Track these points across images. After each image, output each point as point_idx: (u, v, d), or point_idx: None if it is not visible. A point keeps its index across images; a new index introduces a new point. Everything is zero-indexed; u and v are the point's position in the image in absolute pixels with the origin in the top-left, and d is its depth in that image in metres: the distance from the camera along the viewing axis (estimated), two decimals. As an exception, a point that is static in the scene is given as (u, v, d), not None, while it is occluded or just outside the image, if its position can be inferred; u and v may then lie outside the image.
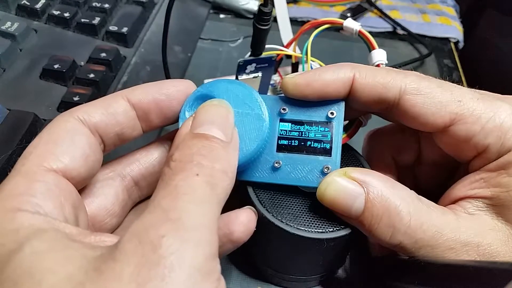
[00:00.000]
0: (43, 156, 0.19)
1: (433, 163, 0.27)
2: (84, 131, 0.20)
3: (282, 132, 0.24)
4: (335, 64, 0.24)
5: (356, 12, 0.53)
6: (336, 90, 0.23)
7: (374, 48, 0.29)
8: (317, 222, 0.23)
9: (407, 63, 0.47)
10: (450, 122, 0.22)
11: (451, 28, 0.53)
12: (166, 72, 0.34)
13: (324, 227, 0.23)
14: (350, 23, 0.30)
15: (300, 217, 0.24)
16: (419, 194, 0.23)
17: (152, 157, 0.23)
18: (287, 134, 0.24)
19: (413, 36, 0.52)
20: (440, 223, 0.21)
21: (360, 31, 0.30)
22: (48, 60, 0.35)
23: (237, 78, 0.34)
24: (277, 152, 0.24)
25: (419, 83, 0.23)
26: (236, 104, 0.23)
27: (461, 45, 0.53)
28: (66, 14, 0.39)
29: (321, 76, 0.23)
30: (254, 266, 0.28)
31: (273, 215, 0.24)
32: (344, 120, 0.25)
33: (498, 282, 0.17)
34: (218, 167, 0.18)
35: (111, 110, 0.21)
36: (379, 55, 0.29)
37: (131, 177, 0.23)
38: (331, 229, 0.23)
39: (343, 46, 0.50)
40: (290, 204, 0.24)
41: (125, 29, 0.39)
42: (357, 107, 0.24)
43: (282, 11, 0.39)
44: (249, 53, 0.35)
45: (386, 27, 0.53)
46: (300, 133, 0.24)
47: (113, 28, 0.39)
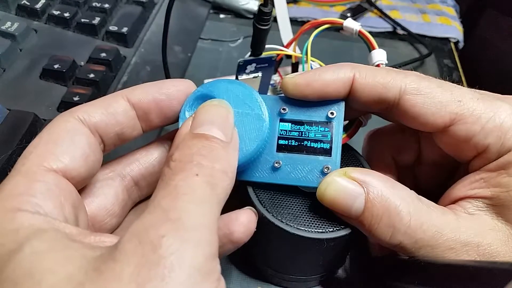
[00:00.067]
0: (43, 156, 0.19)
1: (433, 163, 0.27)
2: (84, 131, 0.20)
3: (282, 132, 0.24)
4: (335, 64, 0.24)
5: (356, 12, 0.53)
6: (336, 90, 0.23)
7: (374, 48, 0.29)
8: (317, 222, 0.23)
9: (407, 63, 0.47)
10: (450, 122, 0.22)
11: (451, 28, 0.53)
12: (166, 72, 0.34)
13: (324, 227, 0.23)
14: (350, 23, 0.30)
15: (300, 217, 0.24)
16: (419, 194, 0.23)
17: (152, 157, 0.23)
18: (287, 134, 0.24)
19: (413, 36, 0.52)
20: (440, 223, 0.21)
21: (360, 31, 0.30)
22: (48, 60, 0.35)
23: (237, 78, 0.34)
24: (277, 152, 0.24)
25: (419, 83, 0.23)
26: (236, 104, 0.23)
27: (461, 45, 0.53)
28: (66, 14, 0.39)
29: (321, 76, 0.23)
30: (254, 266, 0.28)
31: (273, 215, 0.24)
32: (344, 120, 0.25)
33: (498, 282, 0.17)
34: (218, 167, 0.18)
35: (111, 110, 0.21)
36: (379, 55, 0.29)
37: (131, 177, 0.23)
38: (331, 229, 0.23)
39: (343, 46, 0.50)
40: (290, 204, 0.24)
41: (125, 29, 0.39)
42: (357, 107, 0.24)
43: (282, 11, 0.39)
44: (249, 53, 0.35)
45: (386, 27, 0.53)
46: (300, 133, 0.24)
47: (113, 28, 0.39)
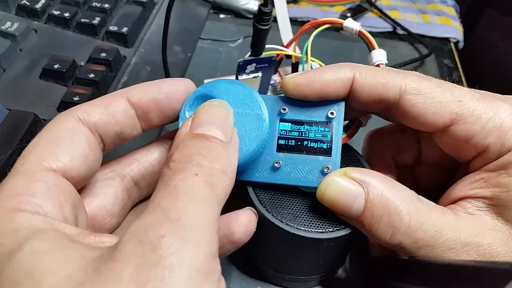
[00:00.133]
0: (43, 156, 0.19)
1: (433, 163, 0.27)
2: (84, 131, 0.20)
3: (282, 132, 0.24)
4: (335, 64, 0.24)
5: (356, 12, 0.53)
6: (336, 90, 0.23)
7: (374, 48, 0.29)
8: (317, 222, 0.23)
9: (407, 63, 0.47)
10: (450, 122, 0.22)
11: (451, 28, 0.53)
12: (166, 72, 0.34)
13: (324, 227, 0.23)
14: (350, 23, 0.30)
15: (300, 217, 0.24)
16: (419, 194, 0.23)
17: (152, 157, 0.23)
18: (287, 134, 0.24)
19: (413, 36, 0.52)
20: (440, 223, 0.21)
21: (360, 31, 0.30)
22: (48, 60, 0.35)
23: (237, 78, 0.34)
24: (277, 152, 0.24)
25: (419, 83, 0.23)
26: (236, 104, 0.23)
27: (461, 45, 0.53)
28: (66, 14, 0.39)
29: (321, 76, 0.23)
30: (254, 266, 0.28)
31: (273, 215, 0.24)
32: (344, 120, 0.25)
33: (498, 282, 0.17)
34: (218, 167, 0.18)
35: (111, 110, 0.21)
36: (379, 55, 0.29)
37: (131, 177, 0.23)
38: (331, 229, 0.23)
39: (343, 46, 0.50)
40: (290, 204, 0.24)
41: (125, 29, 0.39)
42: (357, 107, 0.24)
43: (282, 11, 0.39)
44: (249, 53, 0.35)
45: (386, 27, 0.53)
46: (300, 133, 0.24)
47: (113, 28, 0.39)
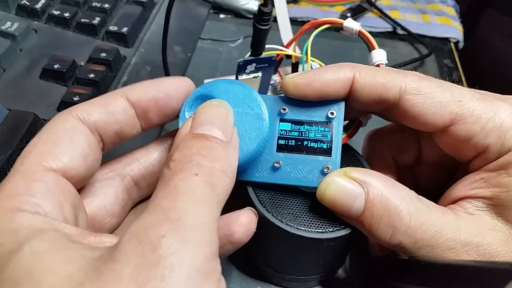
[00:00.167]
0: (43, 156, 0.19)
1: (433, 163, 0.27)
2: (83, 130, 0.20)
3: (282, 132, 0.24)
4: (335, 64, 0.24)
5: (356, 12, 0.53)
6: (336, 90, 0.23)
7: (374, 48, 0.29)
8: (317, 222, 0.23)
9: (407, 63, 0.47)
10: (450, 122, 0.22)
11: (451, 28, 0.53)
12: (166, 72, 0.34)
13: (324, 227, 0.23)
14: (350, 23, 0.30)
15: (300, 217, 0.24)
16: (419, 194, 0.23)
17: (152, 157, 0.23)
18: (287, 134, 0.24)
19: (413, 36, 0.52)
20: (440, 223, 0.21)
21: (360, 31, 0.30)
22: (48, 60, 0.35)
23: (237, 78, 0.34)
24: (277, 152, 0.24)
25: (419, 83, 0.23)
26: (236, 104, 0.23)
27: (461, 45, 0.53)
28: (66, 14, 0.39)
29: (321, 76, 0.23)
30: (254, 266, 0.28)
31: (273, 215, 0.24)
32: (344, 120, 0.25)
33: (498, 282, 0.17)
34: (218, 167, 0.18)
35: (110, 109, 0.21)
36: (379, 55, 0.29)
37: (131, 177, 0.23)
38: (331, 229, 0.23)
39: (343, 46, 0.50)
40: (290, 204, 0.24)
41: (125, 29, 0.39)
42: (357, 107, 0.24)
43: (282, 11, 0.39)
44: (249, 53, 0.35)
45: (386, 27, 0.53)
46: (300, 133, 0.24)
47: (113, 28, 0.39)
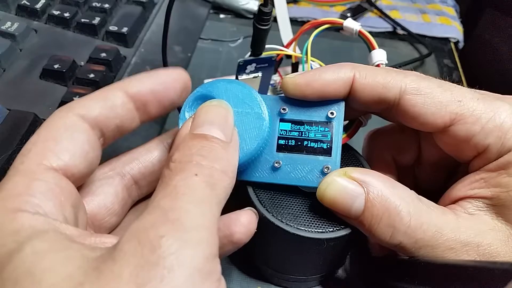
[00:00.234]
0: (42, 154, 0.18)
1: (433, 163, 0.27)
2: (83, 127, 0.20)
3: (282, 132, 0.24)
4: (335, 64, 0.24)
5: (356, 12, 0.53)
6: (336, 90, 0.23)
7: (374, 48, 0.29)
8: (317, 222, 0.23)
9: (407, 63, 0.47)
10: (450, 122, 0.22)
11: (451, 28, 0.53)
12: (166, 72, 0.34)
13: (324, 227, 0.23)
14: (350, 23, 0.30)
15: (300, 217, 0.24)
16: (419, 194, 0.23)
17: (152, 156, 0.23)
18: (287, 134, 0.24)
19: (413, 36, 0.52)
20: (440, 223, 0.21)
21: (360, 31, 0.30)
22: (48, 60, 0.35)
23: (237, 78, 0.34)
24: (277, 152, 0.24)
25: (419, 83, 0.23)
26: (236, 104, 0.23)
27: (461, 45, 0.53)
28: (66, 14, 0.39)
29: (321, 76, 0.23)
30: (254, 266, 0.28)
31: (273, 215, 0.24)
32: (344, 120, 0.25)
33: (498, 282, 0.17)
34: (218, 167, 0.18)
35: (110, 103, 0.21)
36: (379, 55, 0.29)
37: (131, 176, 0.23)
38: (331, 229, 0.23)
39: (343, 46, 0.50)
40: (290, 204, 0.24)
41: (125, 29, 0.39)
42: (357, 107, 0.24)
43: (282, 11, 0.39)
44: (249, 53, 0.35)
45: (386, 27, 0.53)
46: (300, 133, 0.24)
47: (113, 28, 0.39)
